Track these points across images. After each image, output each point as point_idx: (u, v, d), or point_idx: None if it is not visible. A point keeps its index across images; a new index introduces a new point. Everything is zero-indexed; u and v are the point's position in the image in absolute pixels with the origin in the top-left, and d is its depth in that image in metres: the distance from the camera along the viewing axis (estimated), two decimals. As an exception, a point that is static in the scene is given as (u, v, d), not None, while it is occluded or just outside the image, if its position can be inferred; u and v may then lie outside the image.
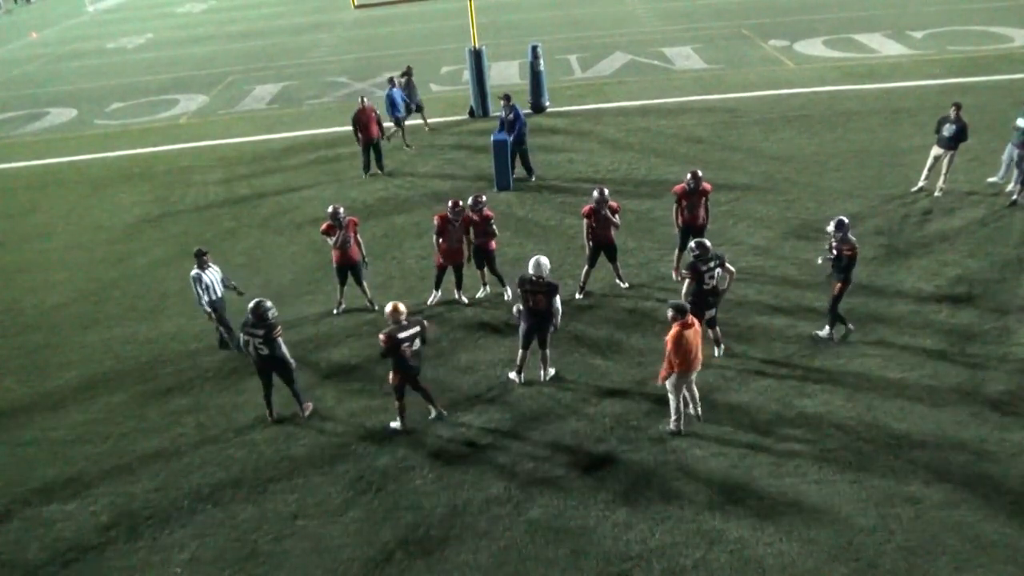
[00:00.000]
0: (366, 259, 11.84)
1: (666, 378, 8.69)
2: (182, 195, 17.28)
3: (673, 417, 8.92)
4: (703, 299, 9.74)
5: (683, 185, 11.55)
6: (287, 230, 15.09)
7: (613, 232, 11.47)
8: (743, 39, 26.11)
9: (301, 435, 9.52)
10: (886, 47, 23.66)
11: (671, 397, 8.82)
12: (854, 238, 9.92)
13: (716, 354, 10.18)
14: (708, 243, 9.75)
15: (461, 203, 11.35)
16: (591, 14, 32.25)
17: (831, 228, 9.90)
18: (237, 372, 10.78)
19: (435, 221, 11.41)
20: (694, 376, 8.84)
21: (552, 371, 10.06)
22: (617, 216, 11.36)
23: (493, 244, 11.68)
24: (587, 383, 9.99)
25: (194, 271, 10.77)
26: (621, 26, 29.71)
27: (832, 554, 7.37)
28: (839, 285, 10.02)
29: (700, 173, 11.56)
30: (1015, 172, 13.60)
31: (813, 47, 24.33)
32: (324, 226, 11.43)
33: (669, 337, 8.42)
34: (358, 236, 11.56)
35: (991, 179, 14.30)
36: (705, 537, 7.65)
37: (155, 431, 9.84)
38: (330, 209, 11.36)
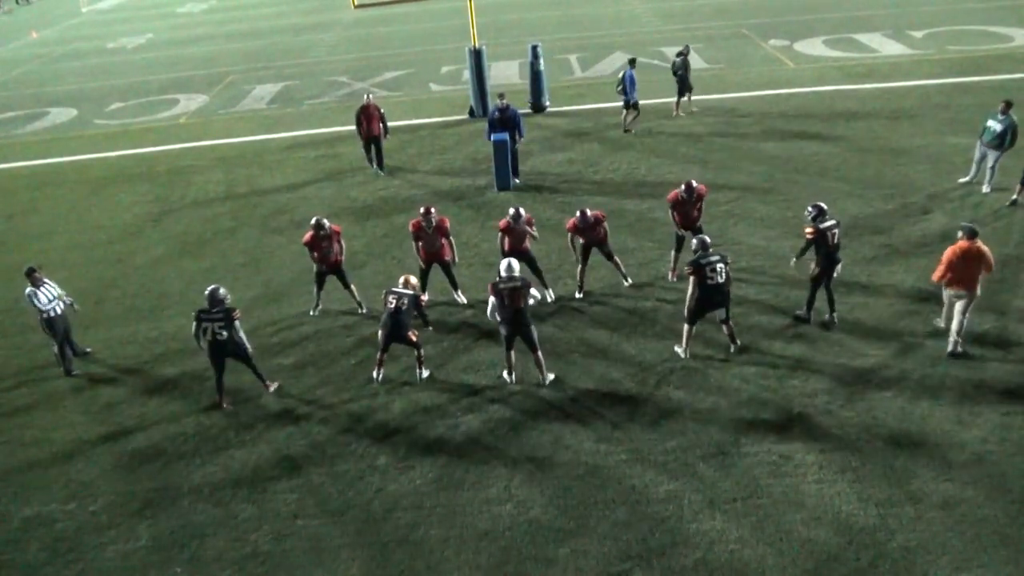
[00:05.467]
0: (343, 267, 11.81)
1: (939, 280, 9.85)
2: (182, 195, 17.28)
3: (950, 333, 9.86)
4: (708, 297, 9.79)
5: (676, 193, 11.57)
6: (287, 229, 15.07)
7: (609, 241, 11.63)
8: (743, 39, 26.11)
9: (301, 435, 9.51)
10: (886, 47, 23.67)
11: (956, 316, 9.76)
12: (826, 224, 10.13)
13: (731, 350, 10.24)
14: (708, 240, 10.01)
15: (433, 210, 11.42)
16: (591, 14, 32.25)
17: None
18: (236, 372, 10.75)
19: (410, 228, 11.61)
20: (962, 300, 9.60)
21: (551, 376, 10.02)
22: (605, 223, 11.44)
23: (528, 244, 11.66)
24: (586, 383, 9.98)
25: (28, 290, 10.72)
26: (621, 26, 29.72)
27: (832, 554, 7.37)
28: (816, 269, 10.41)
29: (695, 183, 11.56)
30: (987, 172, 13.87)
31: (813, 47, 24.33)
32: (307, 236, 11.39)
33: (949, 248, 9.59)
34: (341, 242, 11.62)
35: (962, 180, 14.42)
36: (705, 537, 7.65)
37: (155, 431, 9.83)
38: (313, 220, 11.36)
